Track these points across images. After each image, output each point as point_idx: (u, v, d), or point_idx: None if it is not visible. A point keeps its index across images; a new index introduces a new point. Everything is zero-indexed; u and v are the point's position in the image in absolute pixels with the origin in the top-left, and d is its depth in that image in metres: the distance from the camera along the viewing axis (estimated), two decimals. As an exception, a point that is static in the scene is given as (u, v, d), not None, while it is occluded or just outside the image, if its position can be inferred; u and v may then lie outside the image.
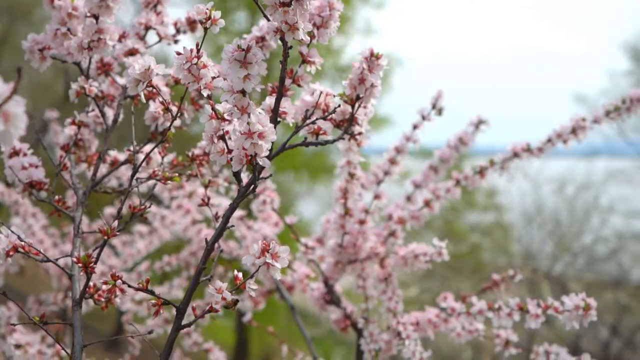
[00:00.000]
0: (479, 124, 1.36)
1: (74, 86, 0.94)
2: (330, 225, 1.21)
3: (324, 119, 0.87)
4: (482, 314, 1.09)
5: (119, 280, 0.74)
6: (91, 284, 0.86)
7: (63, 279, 1.66)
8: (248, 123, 0.73)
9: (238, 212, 1.45)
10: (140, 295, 1.52)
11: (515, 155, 1.23)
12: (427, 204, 1.25)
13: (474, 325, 1.22)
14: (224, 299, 0.78)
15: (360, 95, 0.86)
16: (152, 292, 0.77)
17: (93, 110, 0.98)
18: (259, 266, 0.76)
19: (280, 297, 1.51)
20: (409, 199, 1.34)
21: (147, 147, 0.99)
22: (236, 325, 7.28)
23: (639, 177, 8.37)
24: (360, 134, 0.92)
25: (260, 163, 0.75)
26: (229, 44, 0.76)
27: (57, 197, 0.92)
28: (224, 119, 0.77)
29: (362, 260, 1.23)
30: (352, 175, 1.15)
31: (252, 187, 0.80)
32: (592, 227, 7.26)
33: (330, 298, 1.31)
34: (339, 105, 0.85)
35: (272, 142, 0.79)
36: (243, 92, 0.73)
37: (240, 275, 0.81)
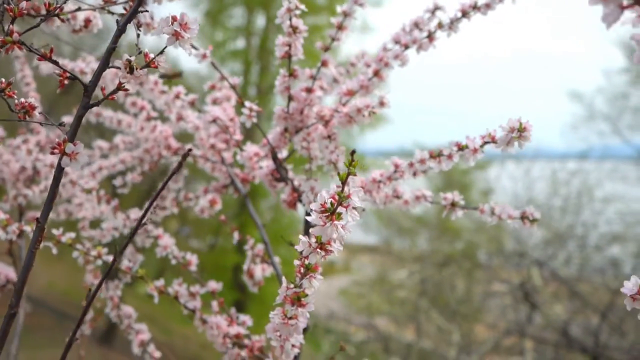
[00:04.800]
0: (434, 10, 1.34)
1: None
2: (276, 88, 1.19)
3: None
4: (425, 162, 1.06)
5: (16, 34, 0.71)
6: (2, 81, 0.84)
7: (18, 184, 1.63)
8: None
9: (190, 96, 1.42)
10: (90, 184, 1.48)
11: (464, 14, 1.20)
12: (376, 73, 1.23)
13: (422, 191, 1.19)
14: (128, 70, 0.75)
15: None
16: (55, 62, 0.75)
17: None
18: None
19: (234, 191, 1.48)
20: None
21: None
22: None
23: (634, 174, 8.35)
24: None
25: None
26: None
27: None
28: None
29: (308, 126, 1.20)
30: (294, 29, 1.13)
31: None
32: (585, 218, 7.22)
33: (279, 174, 1.28)
34: None
35: None
36: None
37: (150, 54, 0.78)
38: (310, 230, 0.77)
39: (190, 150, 0.71)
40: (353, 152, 0.68)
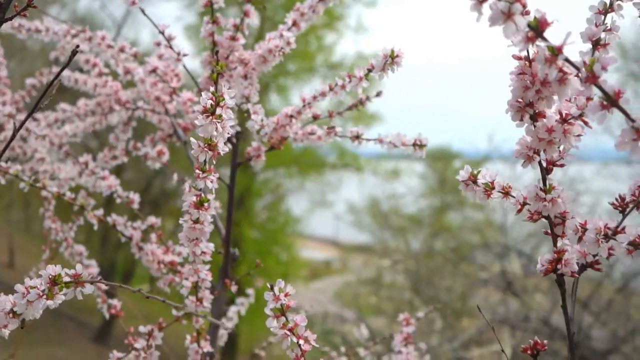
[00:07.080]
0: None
1: None
2: (201, 34, 1.32)
3: None
4: (325, 95, 1.19)
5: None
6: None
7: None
8: None
9: (134, 49, 1.55)
10: (44, 131, 1.62)
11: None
12: (294, 23, 1.35)
13: (333, 125, 1.32)
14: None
15: None
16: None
17: None
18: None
19: (177, 139, 1.61)
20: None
21: None
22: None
23: (625, 173, 8.43)
24: None
25: None
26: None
27: None
28: None
29: (231, 69, 1.33)
30: (213, -21, 1.26)
31: None
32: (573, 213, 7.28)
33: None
34: None
35: None
36: None
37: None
38: (197, 130, 0.89)
39: (81, 56, 0.84)
40: (217, 52, 0.80)
